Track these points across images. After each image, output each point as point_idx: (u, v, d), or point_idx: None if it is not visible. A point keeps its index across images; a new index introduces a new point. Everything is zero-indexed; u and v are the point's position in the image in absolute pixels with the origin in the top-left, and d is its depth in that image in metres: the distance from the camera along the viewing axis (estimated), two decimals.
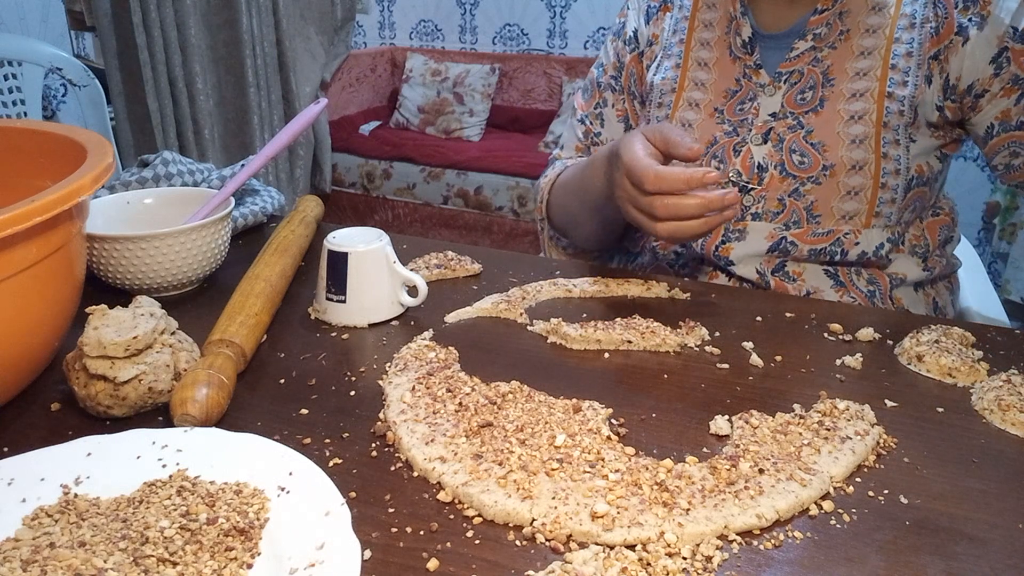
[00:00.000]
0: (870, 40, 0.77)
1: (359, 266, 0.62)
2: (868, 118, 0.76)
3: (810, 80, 0.78)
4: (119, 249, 0.63)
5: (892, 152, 0.76)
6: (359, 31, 3.91)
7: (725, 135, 0.81)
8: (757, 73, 0.80)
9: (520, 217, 2.96)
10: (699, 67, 0.85)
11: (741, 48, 0.81)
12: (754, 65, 0.81)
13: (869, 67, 0.77)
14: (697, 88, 0.84)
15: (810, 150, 0.77)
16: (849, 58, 0.77)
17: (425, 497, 0.43)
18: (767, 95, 0.80)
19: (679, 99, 0.85)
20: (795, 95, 0.79)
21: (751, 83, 0.81)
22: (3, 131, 0.63)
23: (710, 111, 0.83)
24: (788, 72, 0.79)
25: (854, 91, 0.77)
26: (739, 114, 0.81)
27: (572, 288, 0.71)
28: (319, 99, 0.79)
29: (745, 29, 0.81)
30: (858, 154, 0.76)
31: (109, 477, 0.42)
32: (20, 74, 1.70)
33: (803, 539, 0.40)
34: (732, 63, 0.82)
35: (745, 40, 0.81)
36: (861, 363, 0.58)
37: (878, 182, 0.76)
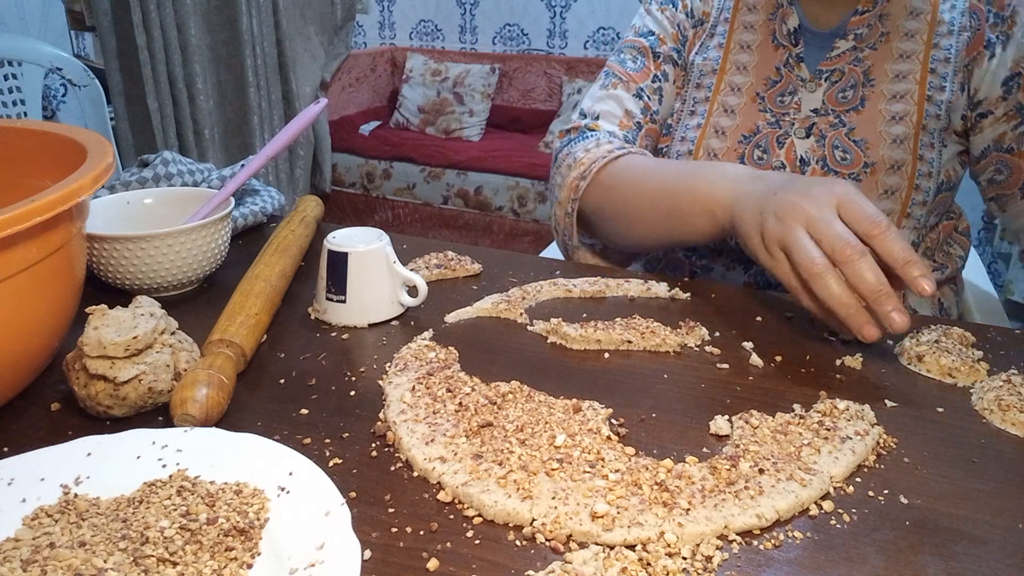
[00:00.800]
0: (909, 44, 0.78)
1: (359, 266, 0.62)
2: (908, 119, 0.77)
3: (851, 79, 0.78)
4: (119, 249, 0.63)
5: (927, 155, 0.77)
6: (359, 31, 3.91)
7: (768, 125, 0.81)
8: (799, 66, 0.80)
9: (520, 217, 2.96)
10: (741, 49, 0.83)
11: (786, 37, 0.81)
12: (796, 58, 0.80)
13: (908, 70, 0.77)
14: (739, 71, 0.83)
15: (852, 147, 0.78)
16: (889, 60, 0.78)
17: (425, 497, 0.43)
18: (808, 91, 0.80)
19: (720, 82, 0.84)
20: (836, 93, 0.79)
21: (792, 75, 0.81)
22: (3, 131, 0.63)
23: (752, 95, 0.82)
24: (829, 71, 0.79)
25: (895, 92, 0.77)
26: (780, 106, 0.81)
27: (572, 288, 0.71)
28: (319, 99, 0.79)
29: (792, 19, 0.80)
30: (898, 154, 0.76)
31: (109, 477, 0.42)
32: (20, 74, 1.70)
33: (803, 539, 0.40)
34: (774, 50, 0.82)
35: (791, 30, 0.80)
36: (861, 363, 0.58)
37: (912, 183, 0.77)
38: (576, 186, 0.79)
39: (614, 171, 0.77)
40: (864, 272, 0.53)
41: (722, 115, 0.83)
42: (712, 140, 0.83)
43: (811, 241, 0.56)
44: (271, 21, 2.19)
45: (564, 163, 0.82)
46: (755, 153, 0.82)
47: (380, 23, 3.94)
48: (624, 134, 0.85)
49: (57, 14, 2.78)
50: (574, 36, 3.53)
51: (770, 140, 0.81)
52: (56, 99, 2.31)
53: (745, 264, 0.83)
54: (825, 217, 0.56)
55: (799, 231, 0.56)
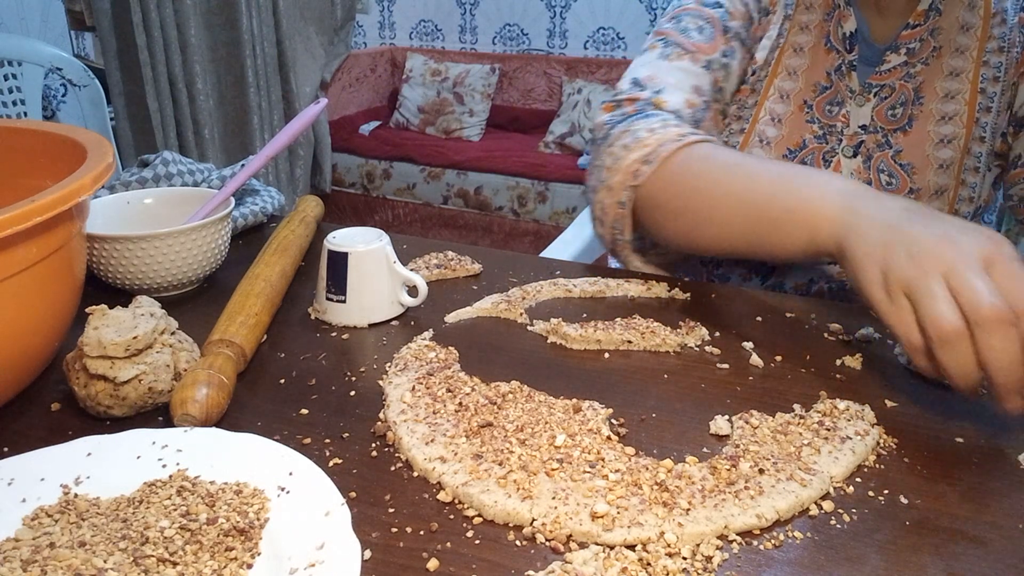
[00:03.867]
0: (959, 61, 0.75)
1: (359, 266, 0.62)
2: (956, 143, 0.74)
3: (901, 96, 0.75)
4: (119, 249, 0.63)
5: (970, 179, 0.75)
6: (359, 31, 3.91)
7: (815, 139, 0.78)
8: (850, 75, 0.77)
9: (520, 217, 2.96)
10: (795, 52, 0.78)
11: (841, 41, 0.76)
12: (849, 65, 0.76)
13: (958, 89, 0.75)
14: (789, 77, 0.79)
15: (899, 171, 0.75)
16: (939, 77, 0.75)
17: (425, 497, 0.43)
18: (857, 105, 0.77)
19: (769, 86, 0.79)
20: (886, 110, 0.76)
21: (842, 83, 0.77)
22: (3, 131, 0.63)
23: (799, 102, 0.78)
24: (879, 85, 0.76)
25: (944, 113, 0.75)
26: (828, 117, 0.78)
27: (572, 288, 0.71)
28: (319, 99, 0.79)
29: (849, 22, 0.76)
30: (943, 179, 0.74)
31: (109, 477, 0.42)
32: (20, 74, 1.70)
33: (803, 539, 0.40)
34: (827, 53, 0.78)
35: (847, 34, 0.76)
36: (861, 363, 0.58)
37: (952, 208, 0.75)
38: (637, 171, 0.66)
39: (689, 159, 0.65)
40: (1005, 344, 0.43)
41: (768, 123, 0.80)
42: (756, 149, 0.79)
43: (948, 295, 0.45)
44: (271, 21, 2.19)
45: (619, 142, 0.68)
46: None
47: (380, 23, 3.94)
48: (692, 113, 0.73)
49: (57, 14, 2.78)
50: (574, 36, 3.53)
51: (816, 157, 0.77)
52: (56, 99, 2.31)
53: (763, 275, 0.81)
54: (972, 270, 0.45)
55: (936, 280, 0.46)
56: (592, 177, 0.72)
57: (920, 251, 0.48)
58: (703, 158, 0.64)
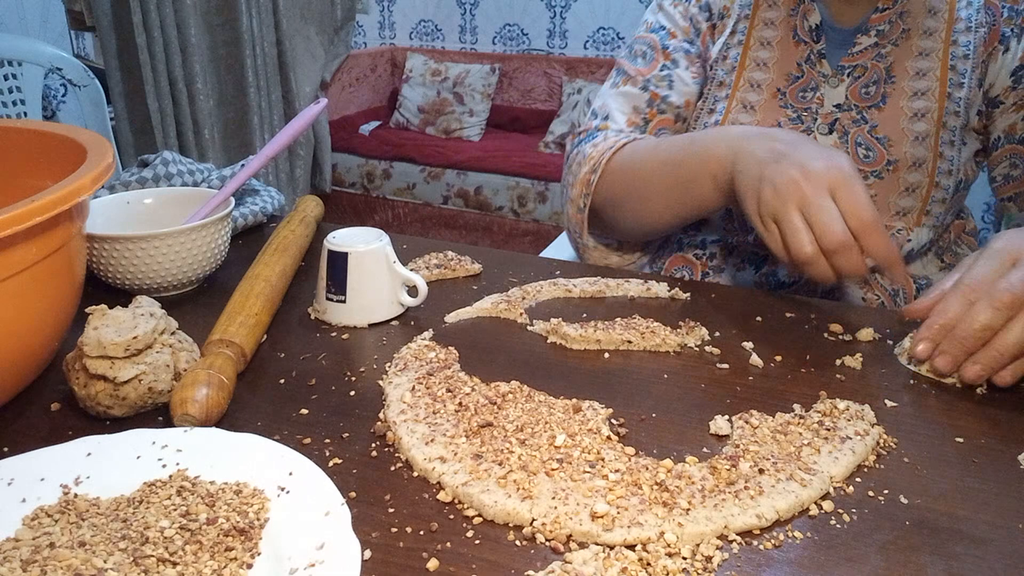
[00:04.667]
0: (928, 42, 0.78)
1: (359, 266, 0.62)
2: (930, 116, 0.77)
3: (874, 75, 0.79)
4: (119, 249, 0.63)
5: (947, 152, 0.77)
6: (359, 31, 3.91)
7: (789, 121, 0.81)
8: (820, 62, 0.80)
9: (520, 217, 2.96)
10: (761, 46, 0.83)
11: (807, 33, 0.81)
12: (818, 53, 0.80)
13: (929, 67, 0.77)
14: (759, 68, 0.83)
15: (876, 144, 0.78)
16: (909, 57, 0.78)
17: (425, 497, 0.43)
18: (831, 86, 0.80)
19: (739, 78, 0.84)
20: (859, 88, 0.79)
21: (813, 71, 0.80)
22: (3, 131, 0.63)
23: (772, 92, 0.82)
24: (851, 66, 0.79)
25: (916, 89, 0.77)
26: (802, 101, 0.81)
27: (572, 288, 0.71)
28: (319, 99, 0.79)
29: (813, 15, 0.80)
30: (919, 151, 0.77)
31: (109, 477, 0.42)
32: (20, 74, 1.70)
33: (803, 539, 0.40)
34: (795, 46, 0.82)
35: (812, 26, 0.80)
36: (861, 363, 0.58)
37: (933, 180, 0.77)
38: (588, 180, 0.80)
39: (622, 157, 0.78)
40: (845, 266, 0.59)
41: (741, 111, 0.83)
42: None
43: (804, 224, 0.59)
44: (271, 21, 2.19)
45: (575, 162, 0.83)
46: None
47: (380, 23, 3.94)
48: (632, 130, 0.85)
49: (57, 14, 2.78)
50: (574, 36, 3.53)
51: None
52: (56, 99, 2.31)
53: (756, 264, 0.82)
54: (819, 203, 0.59)
55: (793, 212, 0.60)
56: (563, 197, 0.86)
57: (781, 185, 0.60)
58: (632, 151, 0.78)
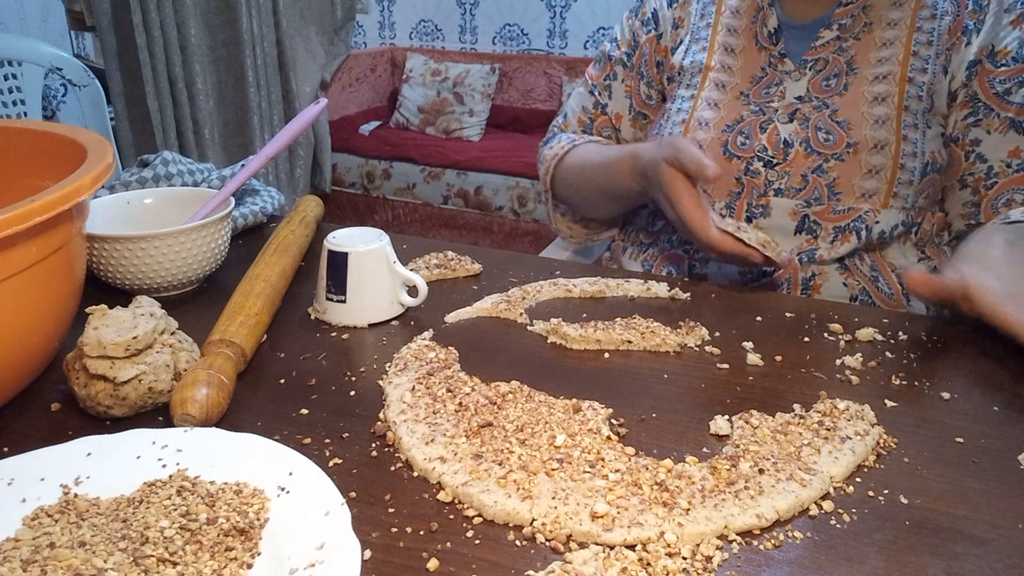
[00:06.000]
0: (892, 32, 0.80)
1: (359, 266, 0.62)
2: (890, 100, 0.78)
3: (835, 68, 0.81)
4: (119, 249, 0.63)
5: (911, 135, 0.78)
6: (359, 31, 3.91)
7: (752, 114, 0.83)
8: (782, 62, 0.83)
9: (520, 217, 2.96)
10: (725, 53, 0.87)
11: (767, 39, 0.84)
12: (778, 55, 0.83)
13: (891, 54, 0.79)
14: (724, 71, 0.86)
15: (835, 128, 0.79)
16: (872, 48, 0.80)
17: (425, 497, 0.43)
18: (793, 80, 0.82)
19: (705, 79, 0.87)
20: (820, 81, 0.81)
21: (776, 71, 0.83)
22: (3, 131, 0.63)
23: (736, 94, 0.85)
24: (814, 60, 0.82)
25: (877, 75, 0.79)
26: (765, 97, 0.83)
27: (572, 288, 0.71)
28: (319, 99, 0.79)
29: (771, 20, 0.83)
30: (880, 134, 0.78)
31: (109, 477, 0.42)
32: (20, 74, 1.70)
33: (803, 539, 0.40)
34: (758, 52, 0.85)
35: (771, 31, 0.83)
36: (861, 363, 0.58)
37: (897, 163, 0.78)
38: (545, 180, 1.00)
39: (565, 163, 0.96)
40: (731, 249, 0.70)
41: (705, 109, 0.86)
42: (697, 132, 0.86)
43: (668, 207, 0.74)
44: (271, 21, 2.19)
45: (539, 161, 1.02)
46: (738, 139, 0.83)
47: (380, 23, 3.94)
48: (582, 126, 1.01)
49: (57, 14, 2.78)
50: (574, 36, 3.53)
51: (753, 127, 0.83)
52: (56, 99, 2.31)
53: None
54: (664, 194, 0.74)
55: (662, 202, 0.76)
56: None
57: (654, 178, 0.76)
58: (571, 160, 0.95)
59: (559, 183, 0.98)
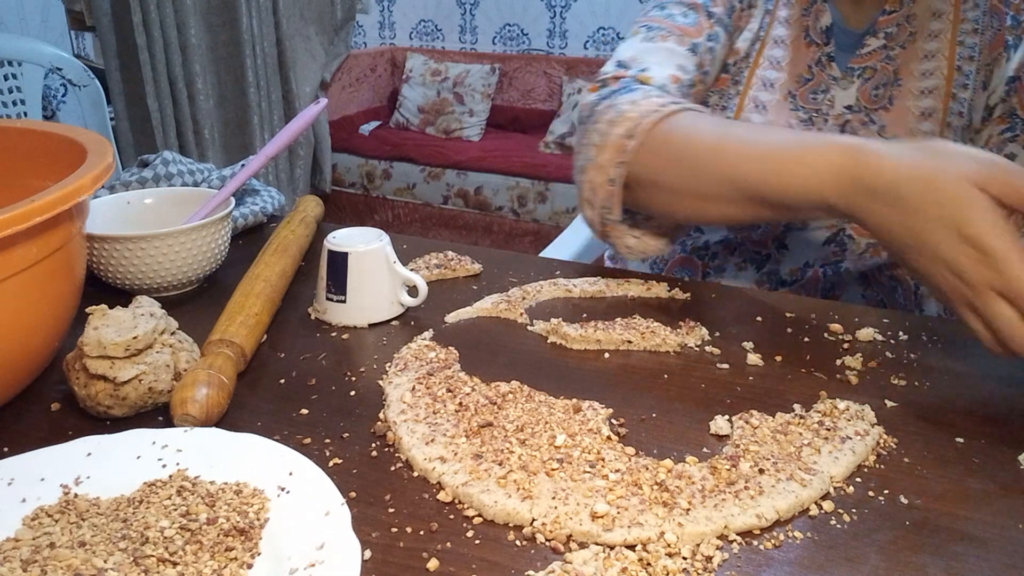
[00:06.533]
0: (934, 44, 0.78)
1: (359, 266, 0.62)
2: (936, 116, 0.77)
3: (883, 77, 0.79)
4: (119, 249, 0.63)
5: None
6: (359, 31, 3.91)
7: (800, 123, 0.81)
8: (830, 65, 0.80)
9: (520, 217, 2.96)
10: (775, 44, 0.82)
11: (819, 34, 0.80)
12: (828, 56, 0.80)
13: (935, 68, 0.78)
14: (772, 67, 0.82)
15: None
16: (915, 60, 0.78)
17: (425, 497, 0.43)
18: (841, 88, 0.80)
19: (752, 76, 0.83)
20: (870, 90, 0.79)
21: (823, 73, 0.80)
22: (3, 131, 0.63)
23: (784, 93, 0.82)
24: (861, 68, 0.79)
25: (923, 89, 0.78)
26: (812, 103, 0.81)
27: (572, 288, 0.71)
28: (319, 99, 0.79)
29: (824, 16, 0.80)
30: None
31: (109, 477, 0.42)
32: (20, 74, 1.70)
33: (803, 539, 0.40)
34: (807, 47, 0.81)
35: (824, 27, 0.80)
36: (861, 363, 0.58)
37: None
38: (622, 146, 0.63)
39: (671, 131, 0.62)
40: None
41: (753, 111, 0.82)
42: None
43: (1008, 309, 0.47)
44: (271, 21, 2.19)
45: (603, 118, 0.65)
46: None
47: (380, 23, 3.94)
48: (678, 88, 0.73)
49: (57, 14, 2.78)
50: (574, 36, 3.53)
51: None
52: (56, 99, 2.31)
53: (757, 264, 0.82)
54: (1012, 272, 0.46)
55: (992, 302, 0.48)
56: (580, 157, 0.68)
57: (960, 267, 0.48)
58: (685, 130, 0.62)
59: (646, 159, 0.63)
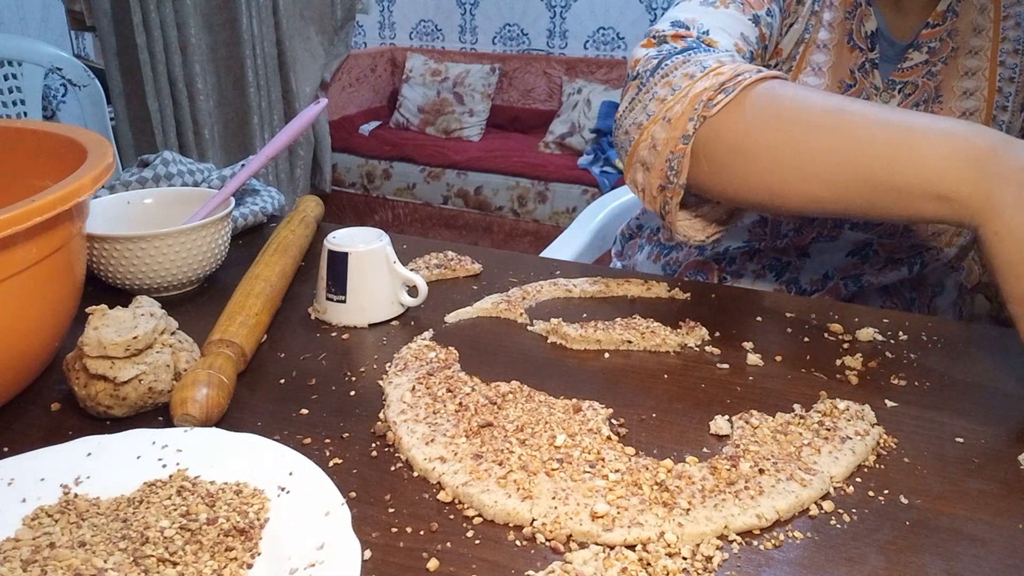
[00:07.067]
0: (974, 61, 0.76)
1: (359, 266, 0.62)
2: None
3: (924, 94, 0.77)
4: (119, 249, 0.63)
5: None
6: (359, 31, 3.91)
7: None
8: (873, 72, 0.78)
9: (520, 217, 2.96)
10: (818, 49, 0.79)
11: (863, 40, 0.77)
12: (871, 63, 0.77)
13: (975, 87, 0.76)
14: (814, 72, 0.80)
15: None
16: (956, 77, 0.76)
17: (425, 497, 0.43)
18: (882, 101, 0.78)
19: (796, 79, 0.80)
20: (910, 106, 0.77)
21: (866, 81, 0.78)
22: (3, 131, 0.63)
23: None
24: (902, 82, 0.77)
25: (964, 109, 0.76)
26: None
27: (572, 288, 0.71)
28: (319, 99, 0.79)
29: (870, 21, 0.77)
30: None
31: (109, 477, 0.42)
32: (20, 74, 1.70)
33: (803, 539, 0.40)
34: (850, 51, 0.78)
35: (869, 32, 0.77)
36: (861, 363, 0.58)
37: None
38: (710, 99, 0.56)
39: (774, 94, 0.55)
40: None
41: None
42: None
43: None
44: (271, 21, 2.19)
45: (679, 71, 0.59)
46: None
47: (380, 23, 3.94)
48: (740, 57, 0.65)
49: (57, 14, 2.78)
50: (574, 36, 3.53)
51: None
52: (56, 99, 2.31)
53: (777, 271, 0.81)
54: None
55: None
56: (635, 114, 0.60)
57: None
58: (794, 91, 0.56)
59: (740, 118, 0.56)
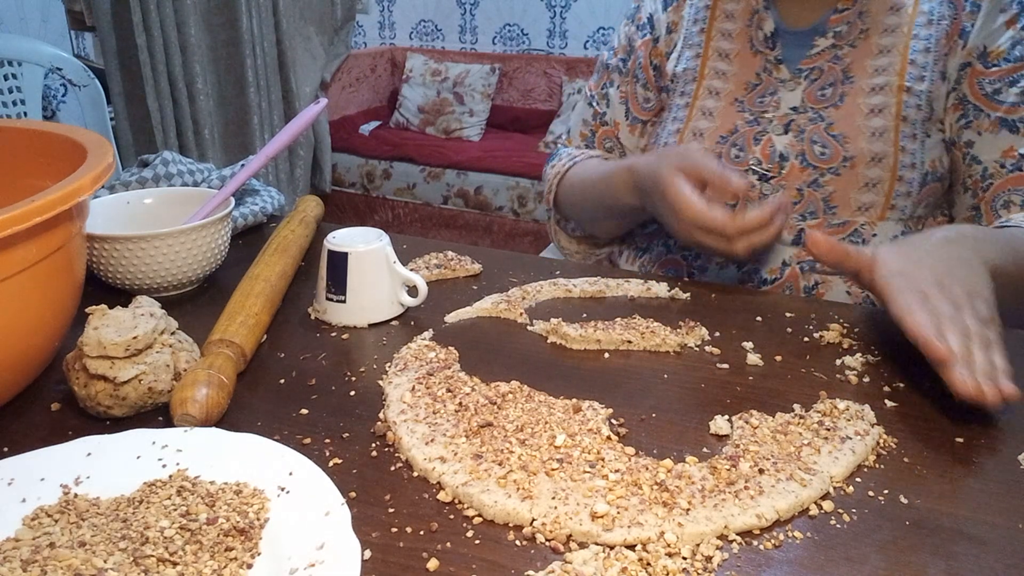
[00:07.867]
0: (888, 39, 0.78)
1: (359, 266, 0.62)
2: (888, 112, 0.77)
3: (830, 77, 0.79)
4: (119, 249, 0.63)
5: (909, 146, 0.77)
6: (359, 31, 3.91)
7: (746, 124, 0.82)
8: (778, 68, 0.81)
9: (520, 217, 2.96)
10: (719, 58, 0.85)
11: (763, 43, 0.82)
12: (775, 60, 0.81)
13: (888, 64, 0.78)
14: (718, 77, 0.85)
15: (831, 141, 0.78)
16: (868, 56, 0.78)
17: (425, 497, 0.43)
18: (788, 90, 0.81)
19: (699, 88, 0.86)
20: (815, 91, 0.80)
21: (772, 78, 0.82)
22: (3, 131, 0.63)
23: (730, 100, 0.84)
24: (809, 69, 0.80)
25: (873, 86, 0.78)
26: (759, 106, 0.82)
27: (572, 288, 0.71)
28: (319, 99, 0.79)
29: (767, 24, 0.82)
30: (878, 146, 0.77)
31: (109, 477, 0.42)
32: (20, 74, 1.70)
33: (803, 539, 0.40)
34: (753, 57, 0.83)
35: (767, 34, 0.82)
36: (861, 363, 0.58)
37: (896, 175, 0.77)
38: (548, 199, 0.98)
39: (566, 182, 0.95)
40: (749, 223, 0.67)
41: (700, 118, 0.85)
42: (692, 143, 0.85)
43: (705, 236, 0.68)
44: (271, 21, 2.19)
45: (543, 179, 1.00)
46: (732, 151, 0.82)
47: (380, 23, 3.94)
48: (585, 140, 1.00)
49: (57, 14, 2.78)
50: (574, 36, 3.53)
51: (747, 138, 0.82)
52: (56, 99, 2.31)
53: (738, 263, 0.83)
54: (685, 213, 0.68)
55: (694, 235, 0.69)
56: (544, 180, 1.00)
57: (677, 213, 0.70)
58: (572, 177, 0.93)
59: (562, 201, 0.95)
